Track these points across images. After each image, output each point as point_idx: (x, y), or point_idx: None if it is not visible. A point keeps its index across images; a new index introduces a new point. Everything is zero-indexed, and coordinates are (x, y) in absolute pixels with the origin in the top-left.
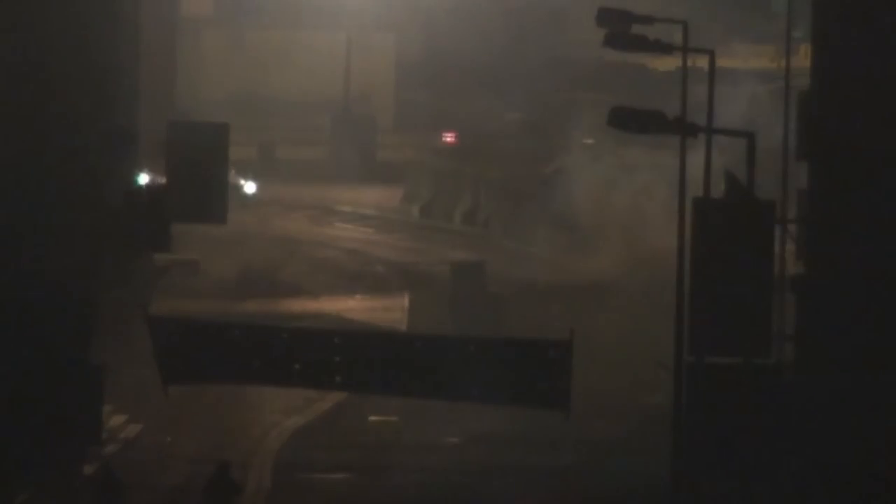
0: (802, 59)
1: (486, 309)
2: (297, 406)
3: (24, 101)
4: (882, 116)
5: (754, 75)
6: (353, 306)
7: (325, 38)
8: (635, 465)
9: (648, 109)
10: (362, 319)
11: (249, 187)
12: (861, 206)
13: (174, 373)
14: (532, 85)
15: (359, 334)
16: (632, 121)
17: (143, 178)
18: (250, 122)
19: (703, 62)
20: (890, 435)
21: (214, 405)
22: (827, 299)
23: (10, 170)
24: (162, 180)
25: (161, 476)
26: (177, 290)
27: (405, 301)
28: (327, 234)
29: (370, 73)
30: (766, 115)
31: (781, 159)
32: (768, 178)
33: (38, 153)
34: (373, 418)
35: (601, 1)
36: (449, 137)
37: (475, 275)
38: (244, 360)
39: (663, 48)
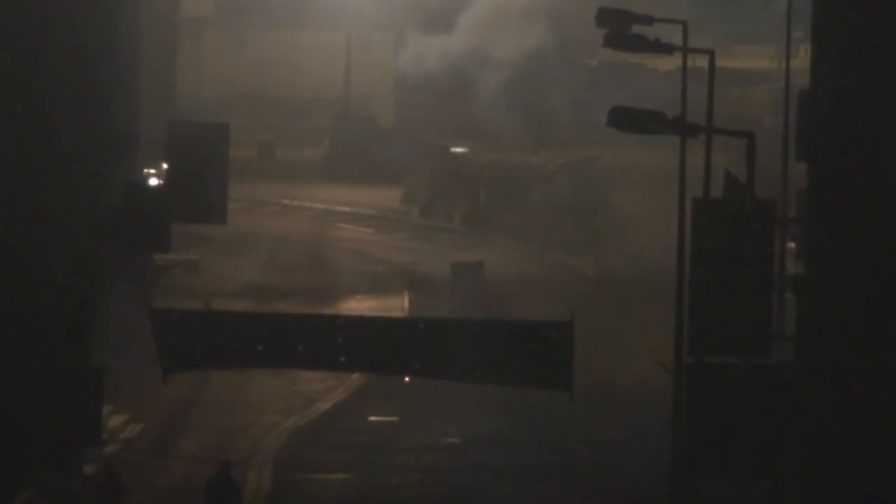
0: (802, 59)
1: (486, 309)
2: (296, 406)
3: (24, 102)
4: (882, 116)
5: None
6: (352, 306)
7: (325, 38)
8: (635, 464)
9: (648, 109)
10: None
11: None
12: (861, 206)
13: (176, 361)
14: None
15: (361, 317)
16: (631, 121)
17: (153, 181)
18: (250, 122)
19: (702, 62)
20: (890, 434)
21: (214, 405)
22: (827, 299)
23: (11, 170)
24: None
25: (161, 476)
26: (177, 290)
27: (405, 301)
28: (327, 234)
29: (370, 73)
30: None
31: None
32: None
33: (38, 153)
34: (373, 418)
35: (601, 1)
36: None
37: (475, 275)
38: (248, 345)
39: (663, 48)
